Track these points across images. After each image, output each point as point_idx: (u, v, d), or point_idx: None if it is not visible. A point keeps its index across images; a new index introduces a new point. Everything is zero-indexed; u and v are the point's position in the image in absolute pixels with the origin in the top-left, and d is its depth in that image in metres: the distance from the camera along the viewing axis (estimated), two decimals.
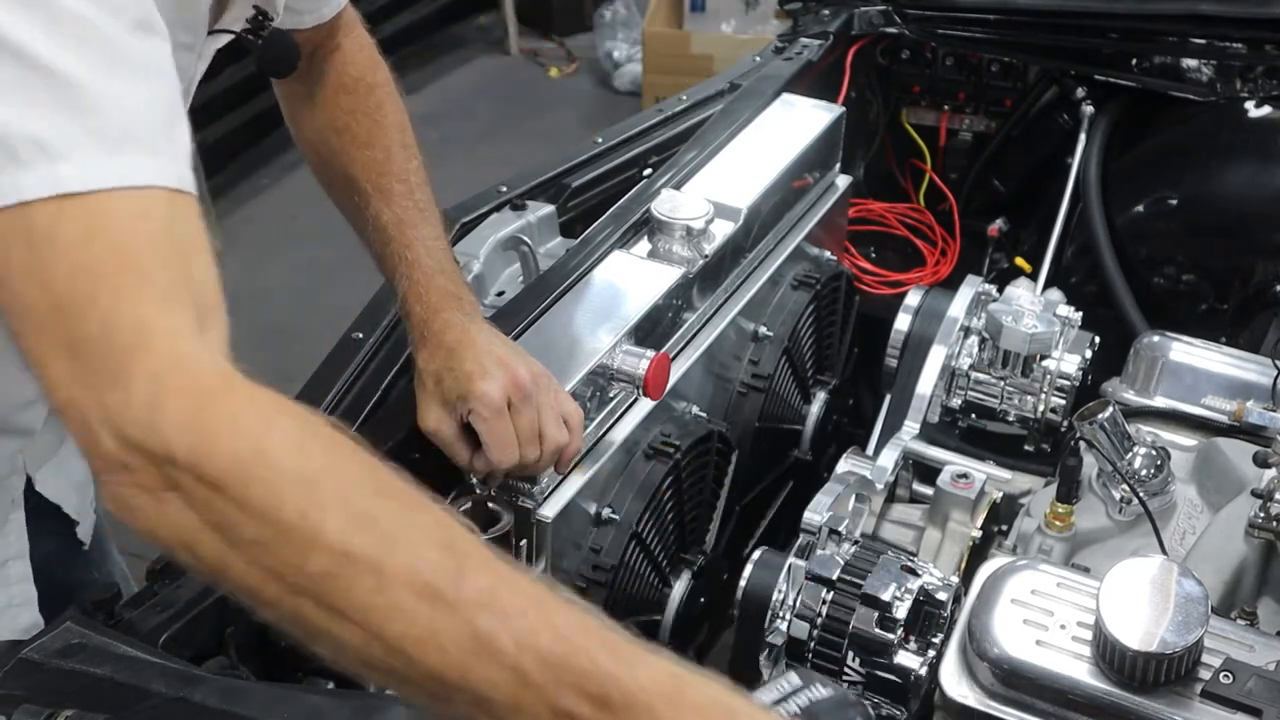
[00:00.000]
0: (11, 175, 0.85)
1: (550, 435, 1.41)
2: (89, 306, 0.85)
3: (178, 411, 0.85)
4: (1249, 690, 1.26)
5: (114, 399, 0.85)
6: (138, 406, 0.85)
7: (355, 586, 0.85)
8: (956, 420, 2.09)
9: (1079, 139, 2.40)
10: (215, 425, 0.86)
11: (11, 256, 0.86)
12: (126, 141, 0.87)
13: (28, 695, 1.03)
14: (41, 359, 0.87)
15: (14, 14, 0.85)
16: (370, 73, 1.50)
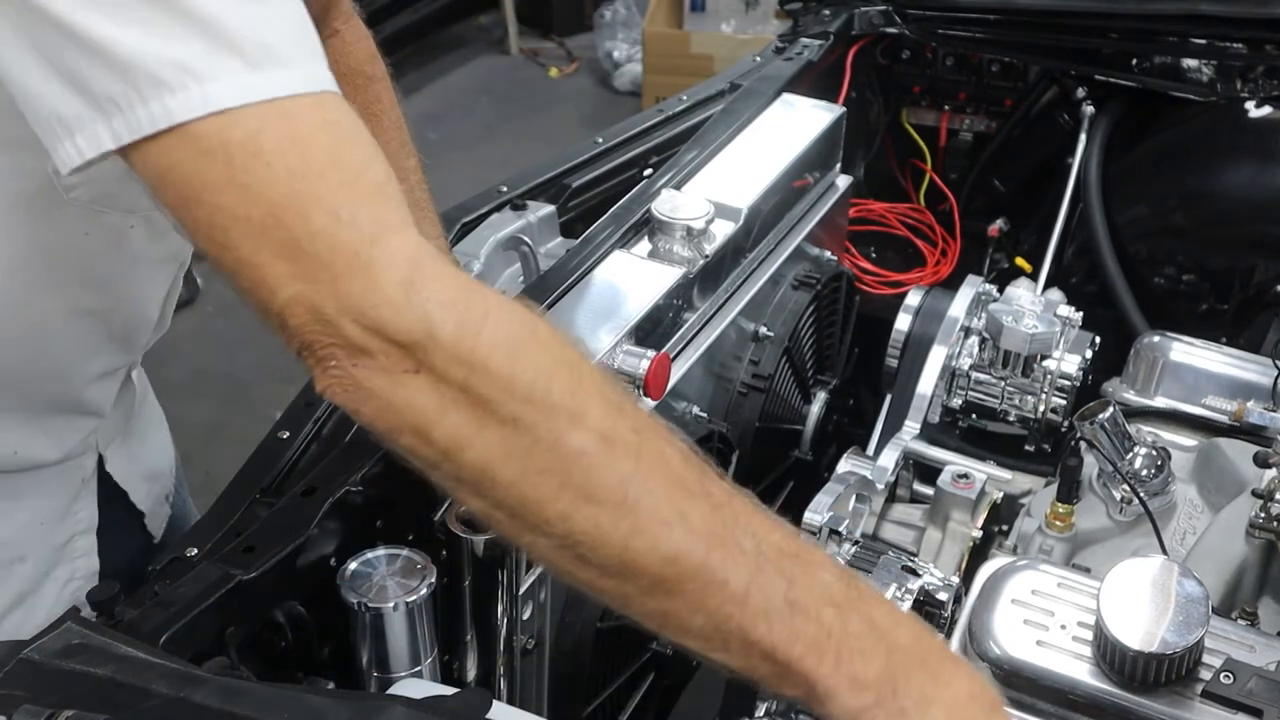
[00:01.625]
0: (182, 94, 0.85)
1: None
2: (314, 205, 0.86)
3: (440, 291, 0.87)
4: (1250, 690, 1.26)
5: (357, 285, 0.86)
6: (392, 288, 0.86)
7: (613, 468, 0.88)
8: (957, 420, 2.09)
9: (1079, 139, 2.40)
10: (483, 306, 0.88)
11: (204, 173, 0.86)
12: (268, 58, 0.87)
13: (28, 695, 1.03)
14: (257, 265, 0.87)
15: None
16: (369, 65, 1.49)
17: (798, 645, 0.89)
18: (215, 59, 0.86)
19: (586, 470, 0.88)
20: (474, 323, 0.88)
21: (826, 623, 0.90)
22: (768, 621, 0.89)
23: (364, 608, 1.30)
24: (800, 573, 0.90)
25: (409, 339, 0.87)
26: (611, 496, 0.88)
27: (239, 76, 0.86)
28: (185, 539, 1.35)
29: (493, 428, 0.88)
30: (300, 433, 1.48)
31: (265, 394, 3.30)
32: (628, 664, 1.71)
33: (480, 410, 0.88)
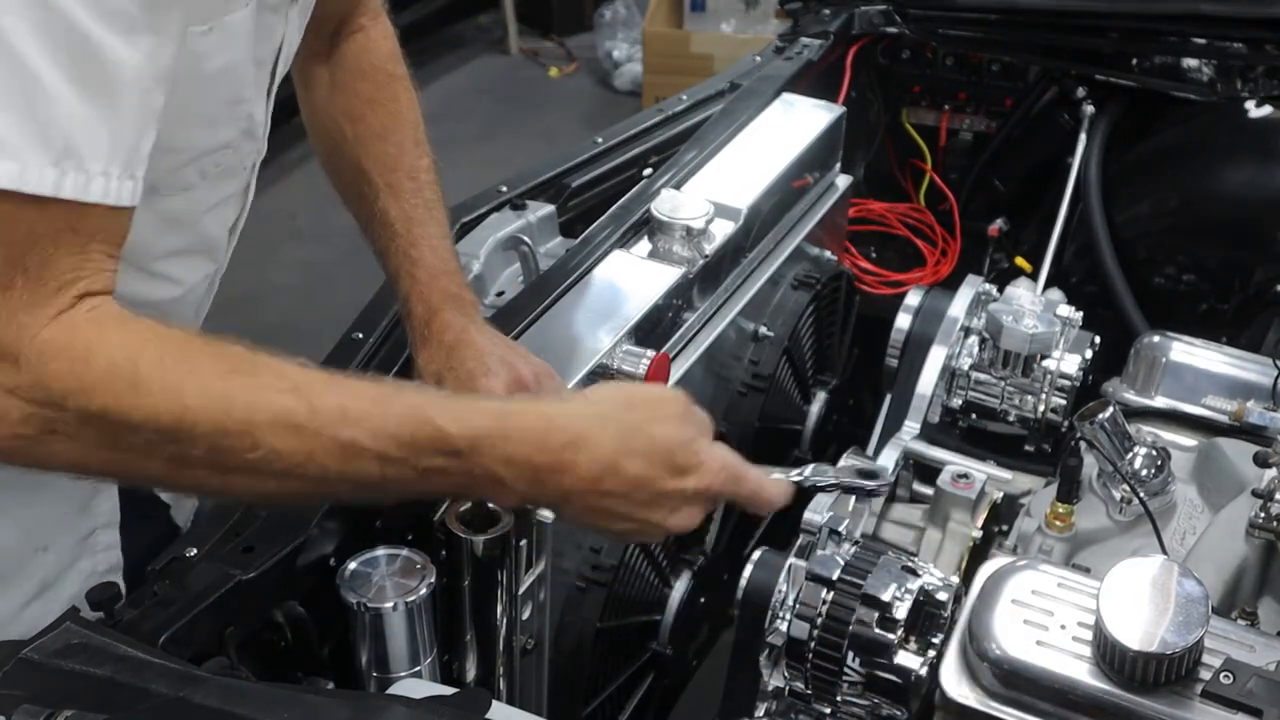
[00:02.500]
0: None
1: None
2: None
3: (56, 370, 0.98)
4: (1249, 690, 1.26)
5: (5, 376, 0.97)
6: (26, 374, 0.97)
7: (235, 449, 1.02)
8: (957, 420, 2.09)
9: (1079, 139, 2.40)
10: (92, 373, 0.98)
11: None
12: (67, 155, 0.94)
13: (28, 695, 1.03)
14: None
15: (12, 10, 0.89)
16: (391, 63, 1.50)
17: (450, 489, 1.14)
18: (26, 142, 0.92)
19: (221, 458, 1.02)
20: (85, 389, 0.98)
21: (449, 473, 1.09)
22: (418, 489, 1.11)
23: (363, 608, 1.30)
24: (420, 445, 1.07)
25: (44, 408, 0.98)
26: (249, 467, 1.03)
27: (43, 170, 0.93)
28: (185, 539, 1.35)
29: (136, 451, 1.01)
30: None
31: None
32: (628, 664, 1.71)
33: (119, 444, 1.01)
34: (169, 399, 0.99)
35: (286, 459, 1.03)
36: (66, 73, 0.93)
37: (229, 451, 1.02)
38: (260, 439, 1.02)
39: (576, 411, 1.14)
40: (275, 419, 1.02)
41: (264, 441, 1.02)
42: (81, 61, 0.94)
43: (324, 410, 1.04)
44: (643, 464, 1.12)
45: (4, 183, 0.93)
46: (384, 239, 1.46)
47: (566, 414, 1.13)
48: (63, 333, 0.98)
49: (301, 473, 1.04)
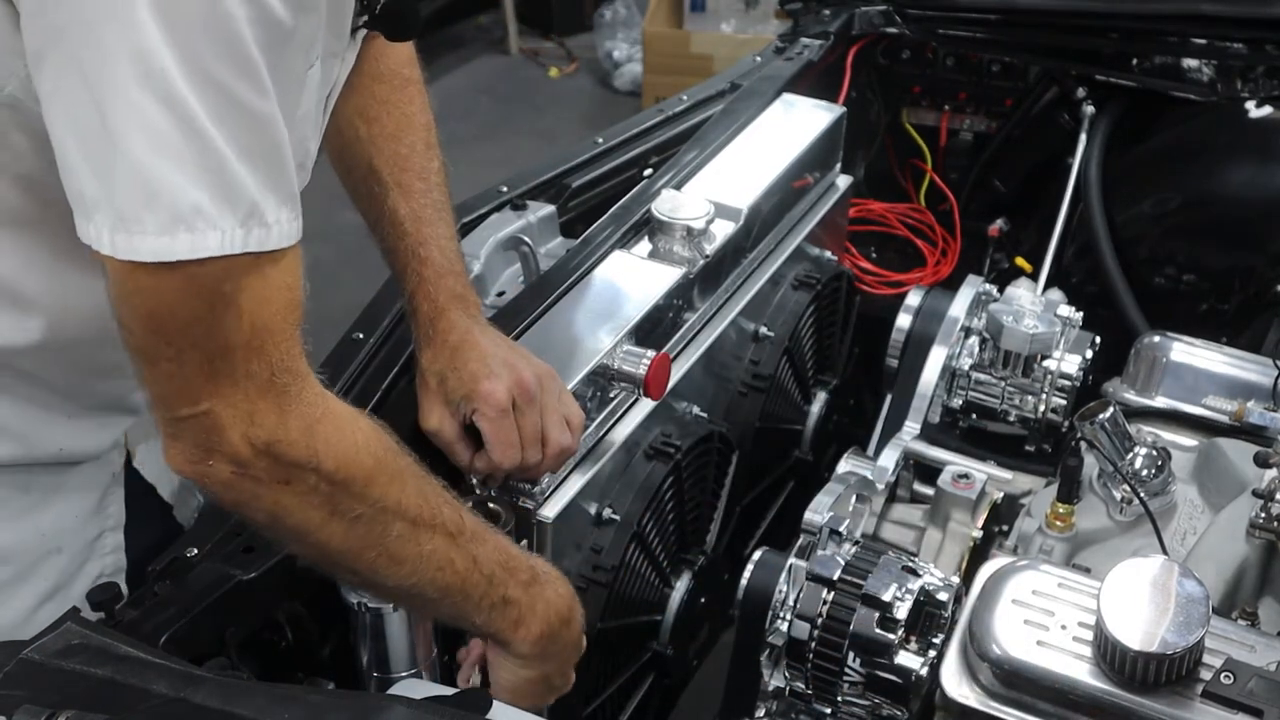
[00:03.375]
0: (182, 235, 0.98)
1: (554, 438, 1.41)
2: (259, 356, 1.05)
3: (330, 433, 1.12)
4: (1250, 690, 1.26)
5: (270, 421, 1.07)
6: (296, 431, 1.09)
7: (415, 541, 1.19)
8: (957, 420, 2.09)
9: (1080, 139, 2.40)
10: (352, 439, 1.14)
11: (185, 307, 1.01)
12: (252, 217, 1.01)
13: (28, 696, 1.03)
14: (189, 379, 1.04)
15: (196, 90, 0.96)
16: (406, 66, 1.51)
17: (503, 624, 1.30)
18: (220, 210, 0.99)
19: (399, 547, 1.19)
20: (347, 455, 1.13)
21: (522, 609, 1.31)
22: (488, 614, 1.28)
23: (364, 608, 1.30)
24: (509, 576, 1.29)
25: (295, 464, 1.10)
26: (409, 560, 1.20)
27: (234, 231, 1.00)
28: (185, 539, 1.35)
29: (337, 522, 1.14)
30: None
31: None
32: (628, 664, 1.71)
33: (330, 511, 1.14)
34: (395, 487, 1.17)
35: (438, 561, 1.21)
36: (241, 145, 0.99)
37: (412, 541, 1.19)
38: (433, 536, 1.20)
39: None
40: (443, 525, 1.22)
41: (434, 541, 1.21)
42: (252, 133, 1.01)
43: (467, 528, 1.25)
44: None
45: (214, 250, 0.99)
46: (392, 237, 1.47)
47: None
48: (323, 405, 1.13)
49: (440, 575, 1.22)
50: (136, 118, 0.95)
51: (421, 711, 1.07)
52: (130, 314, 1.03)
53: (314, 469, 1.11)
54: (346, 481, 1.13)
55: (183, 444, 1.08)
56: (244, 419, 1.06)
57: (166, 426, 1.08)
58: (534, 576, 1.33)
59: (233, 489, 1.10)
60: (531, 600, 1.31)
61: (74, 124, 0.98)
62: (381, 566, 1.19)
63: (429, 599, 1.24)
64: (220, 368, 1.04)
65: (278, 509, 1.12)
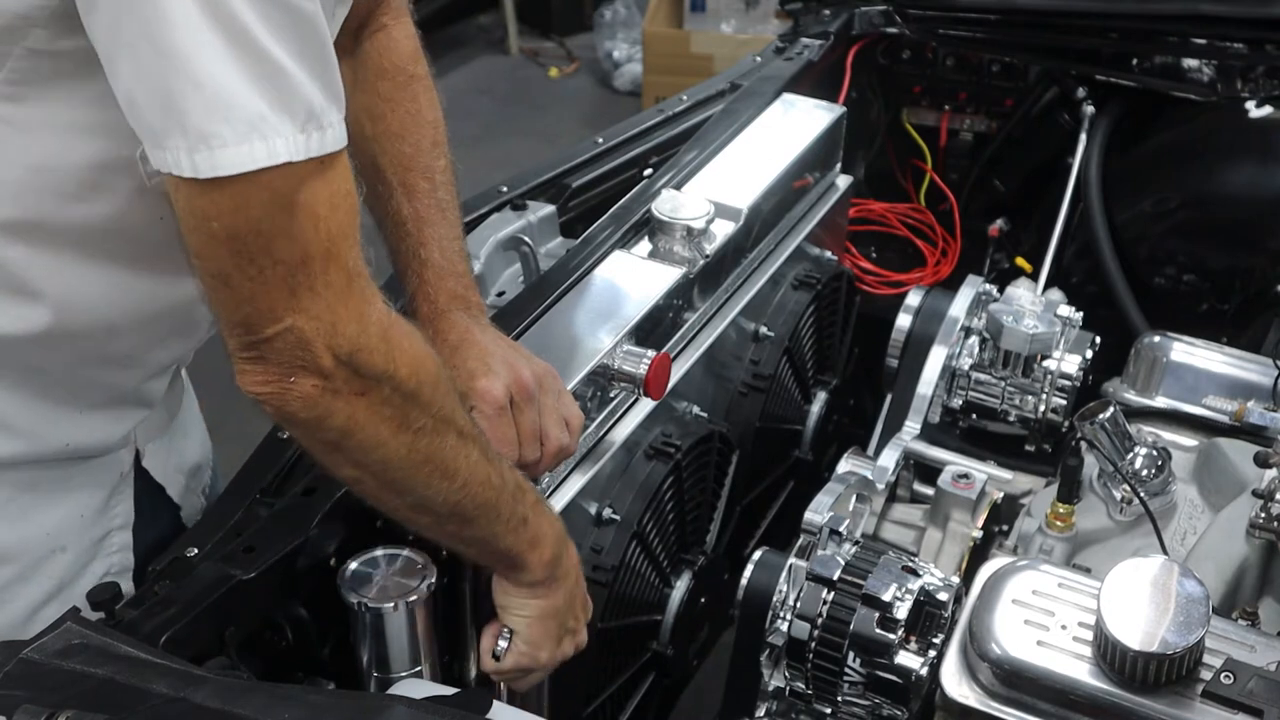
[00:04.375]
0: (257, 143, 1.00)
1: (552, 437, 1.41)
2: (336, 263, 1.07)
3: (402, 341, 1.14)
4: (1250, 690, 1.26)
5: (352, 330, 1.09)
6: (375, 338, 1.11)
7: (465, 453, 1.22)
8: (957, 420, 2.09)
9: (1080, 139, 2.40)
10: (421, 352, 1.17)
11: (269, 220, 1.03)
12: (311, 120, 1.03)
13: (28, 696, 1.03)
14: (269, 295, 1.05)
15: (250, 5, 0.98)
16: (412, 64, 1.51)
17: (521, 544, 1.32)
18: (280, 117, 1.01)
19: (453, 458, 1.21)
20: (417, 361, 1.16)
21: (534, 528, 1.33)
22: (514, 534, 1.31)
23: (364, 608, 1.30)
24: (522, 499, 1.31)
25: (373, 373, 1.12)
26: (461, 473, 1.22)
27: (295, 136, 1.02)
28: (185, 539, 1.35)
29: (404, 434, 1.16)
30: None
31: None
32: (628, 664, 1.71)
33: (400, 423, 1.16)
34: (450, 396, 1.21)
35: (481, 473, 1.24)
36: (293, 50, 1.01)
37: (463, 452, 1.21)
38: (475, 452, 1.23)
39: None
40: (479, 437, 1.25)
41: (475, 453, 1.23)
42: (303, 35, 1.02)
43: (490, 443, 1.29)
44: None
45: (283, 156, 1.01)
46: (395, 238, 1.47)
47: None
48: (390, 312, 1.14)
49: (480, 485, 1.25)
50: (198, 38, 0.97)
51: (421, 711, 1.07)
52: (209, 239, 1.04)
53: (390, 376, 1.13)
54: (416, 389, 1.15)
55: (264, 365, 1.08)
56: (327, 330, 1.08)
57: (245, 350, 1.08)
58: (538, 497, 1.36)
59: (312, 405, 1.10)
60: (540, 520, 1.34)
61: (134, 58, 0.99)
62: (435, 481, 1.20)
63: (468, 516, 1.25)
64: (301, 279, 1.05)
65: (351, 423, 1.12)
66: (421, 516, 1.26)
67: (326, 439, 1.14)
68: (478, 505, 1.25)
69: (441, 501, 1.22)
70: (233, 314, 1.07)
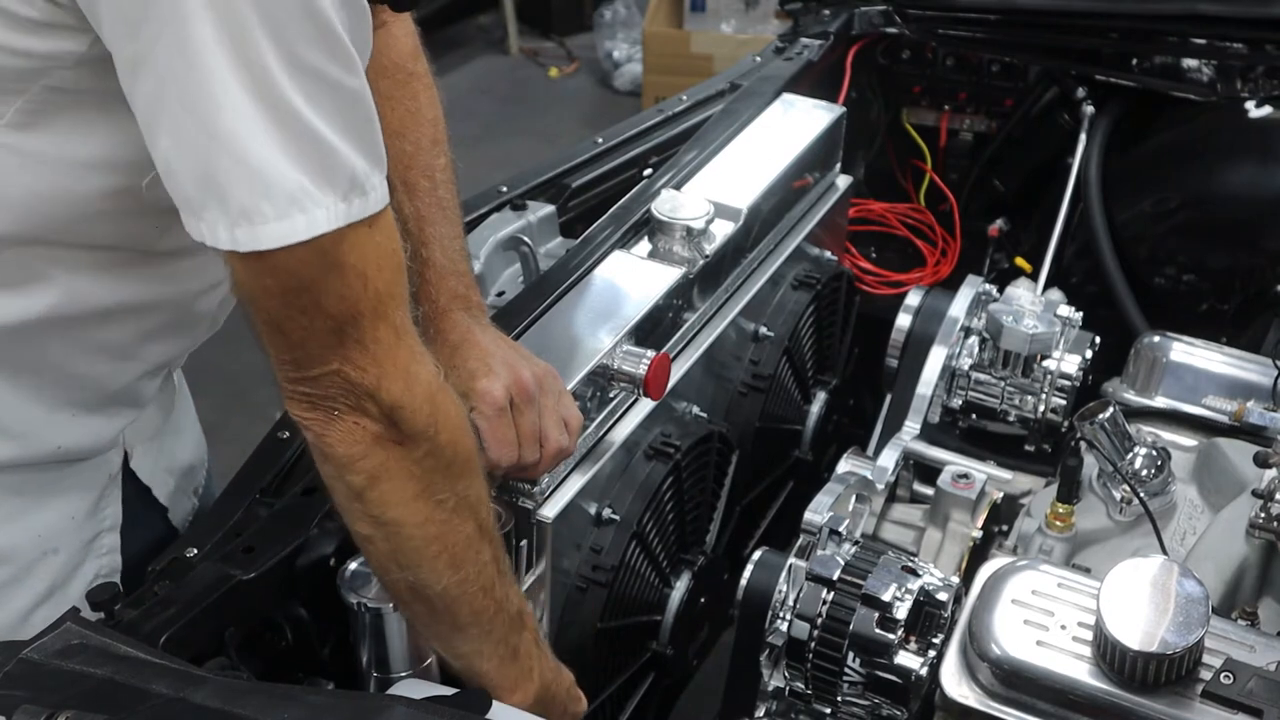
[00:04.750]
0: (298, 217, 1.02)
1: (552, 438, 1.41)
2: (383, 320, 1.10)
3: (446, 407, 1.17)
4: (1249, 691, 1.26)
5: (397, 387, 1.12)
6: (420, 400, 1.13)
7: (477, 550, 1.22)
8: (957, 420, 2.09)
9: (1079, 139, 2.40)
10: (461, 423, 1.20)
11: (321, 280, 1.06)
12: (354, 188, 1.05)
13: (28, 696, 1.03)
14: (318, 344, 1.08)
15: (291, 78, 0.99)
16: (411, 61, 1.50)
17: (503, 679, 1.30)
18: (322, 189, 1.03)
19: (465, 549, 1.21)
20: (458, 430, 1.19)
21: (521, 661, 1.32)
22: (499, 662, 1.29)
23: (364, 608, 1.30)
24: (525, 634, 1.32)
25: (413, 431, 1.14)
26: (467, 567, 1.22)
27: (337, 205, 1.04)
28: (185, 539, 1.35)
29: (425, 501, 1.17)
30: (300, 433, 1.47)
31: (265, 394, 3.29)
32: (628, 664, 1.71)
33: (425, 487, 1.17)
34: (478, 484, 1.22)
35: (486, 579, 1.24)
36: (337, 125, 1.03)
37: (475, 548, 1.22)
38: (486, 556, 1.24)
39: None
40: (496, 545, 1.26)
41: (486, 557, 1.24)
42: (346, 107, 1.04)
43: (507, 562, 1.29)
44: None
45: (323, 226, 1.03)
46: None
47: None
48: (439, 377, 1.17)
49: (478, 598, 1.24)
50: (241, 114, 0.98)
51: (421, 711, 1.07)
52: (263, 294, 1.06)
53: (429, 439, 1.15)
54: (450, 461, 1.17)
55: (310, 400, 1.12)
56: (373, 382, 1.11)
57: (293, 384, 1.11)
58: (539, 637, 1.35)
59: (351, 441, 1.12)
60: (530, 663, 1.32)
61: (175, 129, 1.00)
62: (441, 565, 1.20)
63: (459, 621, 1.25)
64: (350, 333, 1.08)
65: (381, 470, 1.14)
66: (417, 603, 1.25)
67: (354, 483, 1.15)
68: (472, 612, 1.24)
69: (440, 591, 1.22)
70: (283, 353, 1.10)
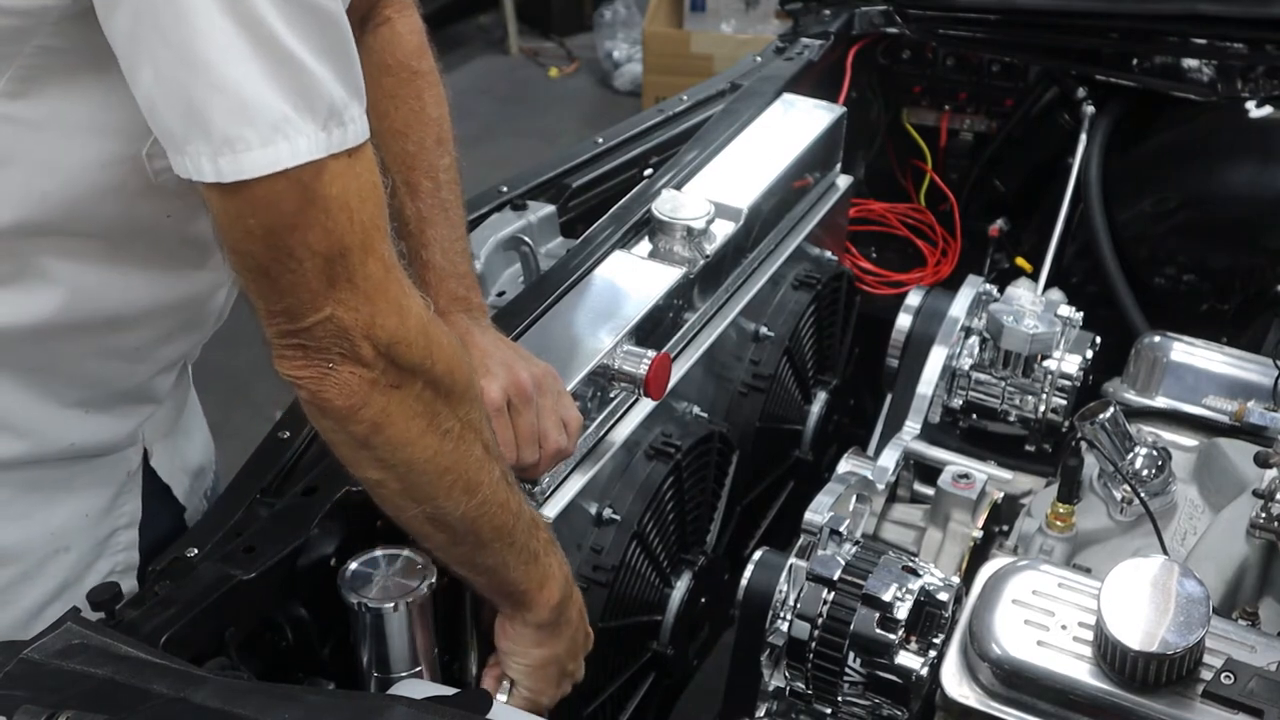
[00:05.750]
0: (281, 144, 1.00)
1: (550, 439, 1.41)
2: (372, 254, 1.08)
3: (439, 337, 1.16)
4: (1250, 691, 1.26)
5: (391, 322, 1.10)
6: (414, 331, 1.12)
7: (489, 469, 1.22)
8: (957, 420, 2.09)
9: (1080, 139, 2.40)
10: (456, 357, 1.18)
11: (301, 214, 1.03)
12: (333, 117, 1.03)
13: (28, 696, 1.03)
14: (309, 286, 1.06)
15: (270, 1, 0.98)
16: (415, 59, 1.50)
17: (529, 582, 1.32)
18: (302, 115, 1.01)
19: (476, 471, 1.21)
20: (453, 359, 1.17)
21: (542, 568, 1.32)
22: (525, 567, 1.30)
23: (364, 608, 1.30)
24: (540, 534, 1.32)
25: (410, 366, 1.13)
26: (483, 489, 1.22)
27: (317, 134, 1.02)
28: (185, 539, 1.35)
29: (432, 435, 1.17)
30: (300, 433, 1.48)
31: (265, 394, 3.30)
32: (628, 664, 1.71)
33: (430, 422, 1.16)
34: (478, 406, 1.22)
35: (501, 495, 1.24)
36: (315, 48, 1.02)
37: (486, 468, 1.22)
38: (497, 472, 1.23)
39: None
40: (502, 460, 1.26)
41: (497, 473, 1.24)
42: (325, 32, 1.03)
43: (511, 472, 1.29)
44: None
45: (304, 155, 1.02)
46: (398, 237, 1.46)
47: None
48: (428, 314, 1.16)
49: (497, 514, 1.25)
50: (220, 41, 0.97)
51: (421, 711, 1.07)
52: (245, 235, 1.05)
53: (426, 370, 1.14)
54: (450, 387, 1.16)
55: (304, 352, 1.10)
56: (366, 321, 1.09)
57: (285, 338, 1.09)
58: (551, 536, 1.35)
59: (349, 393, 1.11)
60: (550, 560, 1.33)
61: (155, 63, 0.99)
62: (457, 492, 1.20)
63: (482, 539, 1.25)
64: (340, 271, 1.07)
65: (383, 417, 1.13)
66: (438, 532, 1.25)
67: (357, 433, 1.14)
68: (494, 528, 1.25)
69: (459, 516, 1.22)
70: (273, 304, 1.08)
